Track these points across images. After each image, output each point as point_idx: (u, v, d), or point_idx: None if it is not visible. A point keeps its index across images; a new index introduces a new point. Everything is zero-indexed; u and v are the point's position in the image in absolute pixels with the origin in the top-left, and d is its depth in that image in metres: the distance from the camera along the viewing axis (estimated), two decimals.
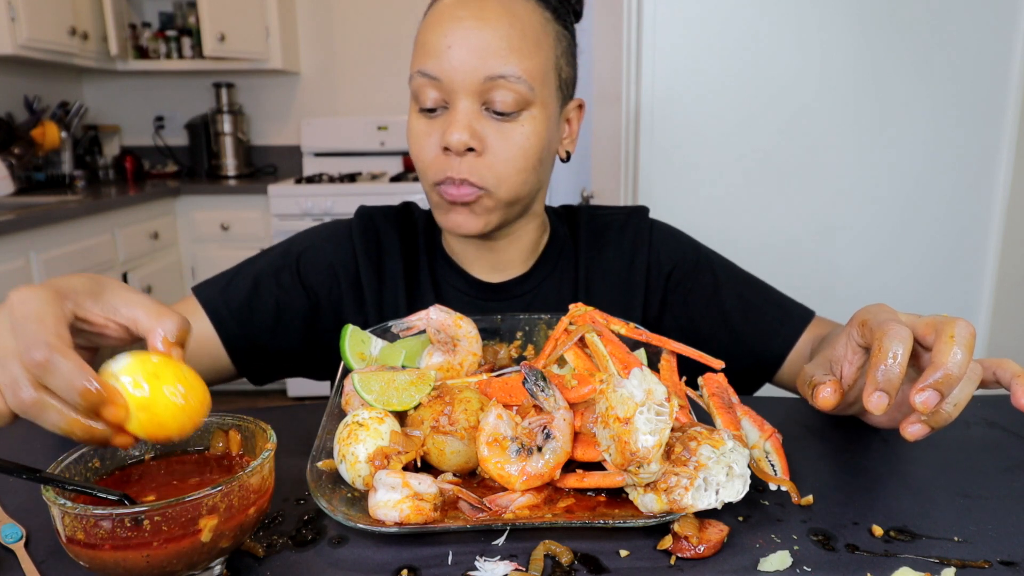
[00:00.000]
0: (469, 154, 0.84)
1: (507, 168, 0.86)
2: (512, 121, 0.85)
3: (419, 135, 0.87)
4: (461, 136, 0.83)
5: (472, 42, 0.82)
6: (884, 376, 0.58)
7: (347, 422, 0.64)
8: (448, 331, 0.79)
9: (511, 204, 0.89)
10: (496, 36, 0.82)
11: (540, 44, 0.86)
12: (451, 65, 0.82)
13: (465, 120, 0.83)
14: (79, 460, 0.56)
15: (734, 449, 0.57)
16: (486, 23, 0.82)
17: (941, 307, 1.87)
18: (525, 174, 0.87)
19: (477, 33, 0.82)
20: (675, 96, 1.75)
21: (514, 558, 0.56)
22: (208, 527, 0.49)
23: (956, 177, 1.79)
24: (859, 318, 0.66)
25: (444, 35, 0.83)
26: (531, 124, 0.86)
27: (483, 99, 0.84)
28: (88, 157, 3.81)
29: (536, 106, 0.86)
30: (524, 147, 0.86)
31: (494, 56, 0.82)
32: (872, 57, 1.71)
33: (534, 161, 0.88)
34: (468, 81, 0.82)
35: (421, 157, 0.88)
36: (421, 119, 0.87)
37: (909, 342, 0.59)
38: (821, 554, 0.57)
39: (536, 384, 0.61)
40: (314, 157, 4.06)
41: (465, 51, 0.82)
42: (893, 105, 1.74)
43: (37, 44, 2.96)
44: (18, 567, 0.56)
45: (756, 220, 1.81)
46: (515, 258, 0.99)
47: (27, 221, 2.47)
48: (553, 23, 0.89)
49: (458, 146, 0.83)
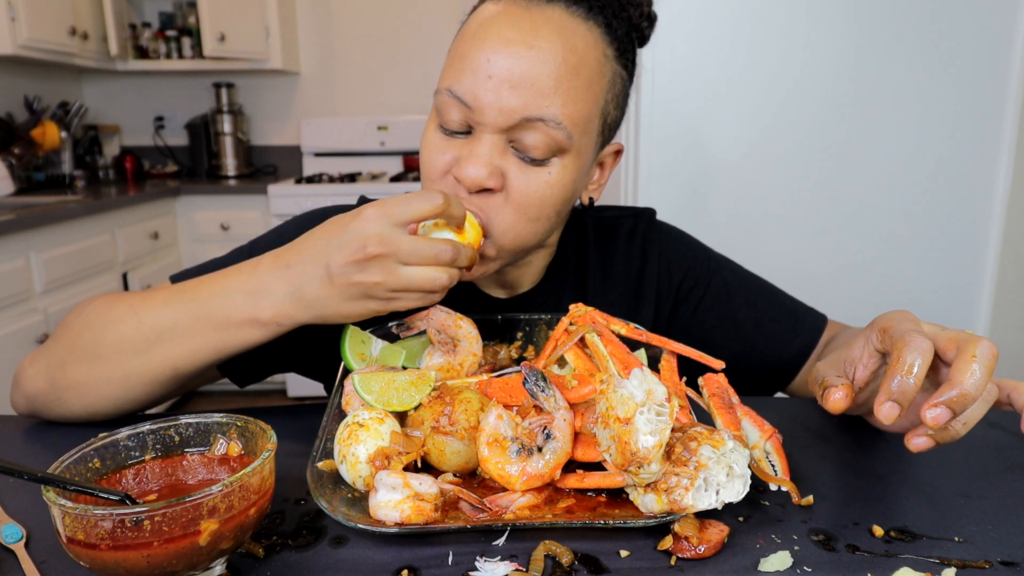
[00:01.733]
0: (482, 194, 0.76)
1: (518, 216, 0.77)
2: (539, 167, 0.76)
3: (432, 150, 0.79)
4: (479, 173, 0.74)
5: (516, 74, 0.72)
6: (899, 387, 0.58)
7: (347, 422, 0.64)
8: (448, 331, 0.79)
9: (513, 253, 0.82)
10: (544, 71, 0.72)
11: (592, 86, 0.76)
12: (487, 98, 0.73)
13: (488, 157, 0.74)
14: (79, 460, 0.56)
15: (734, 449, 0.57)
16: (536, 52, 0.72)
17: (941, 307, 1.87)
18: (536, 224, 0.79)
19: (524, 64, 0.72)
20: (675, 97, 1.75)
21: (514, 558, 0.56)
22: (207, 531, 0.49)
23: (956, 177, 1.79)
24: (881, 323, 0.66)
25: (487, 59, 0.73)
26: (559, 173, 0.77)
27: (512, 136, 0.75)
28: (88, 157, 3.81)
29: (570, 155, 0.77)
30: (544, 196, 0.77)
31: (537, 95, 0.72)
32: (873, 57, 1.71)
33: (550, 211, 0.79)
34: (503, 118, 0.73)
35: (428, 174, 0.81)
36: (438, 134, 0.79)
37: (929, 356, 0.59)
38: (821, 554, 0.57)
39: (536, 384, 0.61)
40: (314, 157, 4.06)
41: (507, 86, 0.72)
42: (894, 105, 1.74)
43: (37, 44, 2.96)
44: (18, 567, 0.56)
45: (756, 220, 1.81)
46: (526, 276, 0.95)
47: (27, 221, 2.47)
48: (613, 62, 0.79)
49: (472, 185, 0.75)
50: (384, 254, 0.66)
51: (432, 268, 0.67)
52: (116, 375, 0.76)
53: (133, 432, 0.60)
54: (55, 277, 2.64)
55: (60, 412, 0.80)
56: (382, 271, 0.66)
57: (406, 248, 0.66)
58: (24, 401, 0.82)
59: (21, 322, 2.46)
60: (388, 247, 0.66)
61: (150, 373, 0.76)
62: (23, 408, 0.82)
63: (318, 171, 4.01)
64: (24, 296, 2.49)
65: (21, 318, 2.47)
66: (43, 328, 2.56)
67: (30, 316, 2.52)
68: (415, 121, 3.96)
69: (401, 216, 0.66)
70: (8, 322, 2.40)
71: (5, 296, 2.39)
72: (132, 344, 0.75)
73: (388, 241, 0.66)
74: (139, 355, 0.75)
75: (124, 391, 0.77)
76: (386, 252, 0.66)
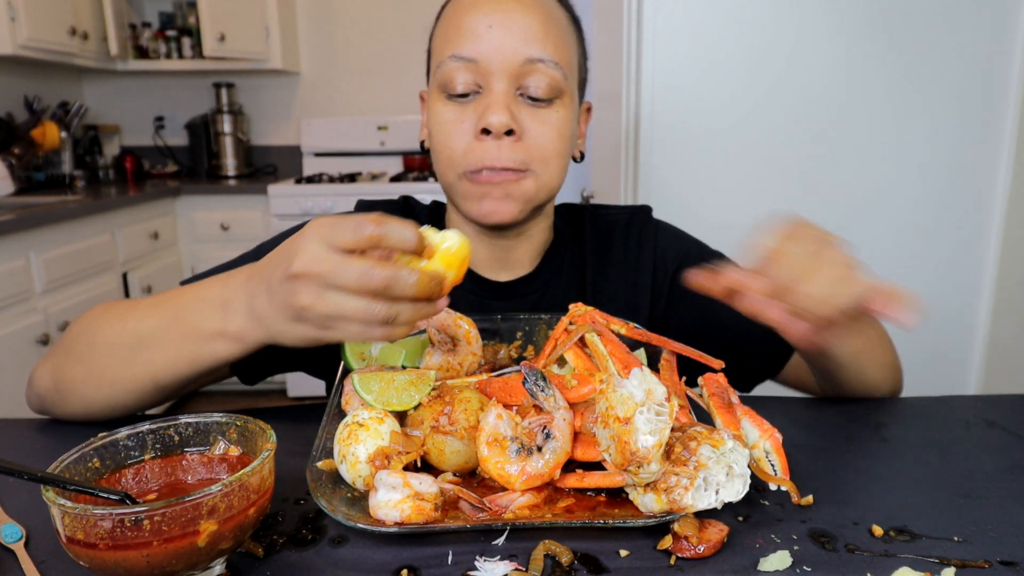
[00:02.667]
0: (507, 138, 0.83)
1: (548, 151, 0.85)
2: (547, 107, 0.85)
3: (450, 122, 0.85)
4: (502, 118, 0.81)
5: (514, 23, 0.82)
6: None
7: (347, 422, 0.64)
8: (448, 331, 0.79)
9: (551, 190, 0.89)
10: (536, 21, 0.83)
11: (568, 37, 0.87)
12: (492, 45, 0.82)
13: (504, 101, 0.82)
14: (79, 460, 0.56)
15: (734, 449, 0.57)
16: (526, 8, 0.83)
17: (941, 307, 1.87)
18: (563, 159, 0.87)
19: (519, 16, 0.82)
20: (675, 96, 1.75)
21: (514, 558, 0.56)
22: (206, 532, 0.49)
23: (956, 177, 1.79)
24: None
25: (485, 16, 0.82)
26: (563, 111, 0.86)
27: (518, 83, 0.83)
28: (88, 157, 3.81)
29: (567, 96, 0.86)
30: (561, 131, 0.86)
31: (534, 39, 0.82)
32: (872, 57, 1.71)
33: (568, 147, 0.88)
34: (508, 62, 0.82)
35: (451, 145, 0.85)
36: (451, 105, 0.85)
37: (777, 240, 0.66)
38: (821, 554, 0.57)
39: (536, 384, 0.61)
40: (314, 157, 4.06)
41: (506, 32, 0.82)
42: (894, 105, 1.74)
43: (37, 44, 2.96)
44: (18, 567, 0.56)
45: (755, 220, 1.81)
46: (523, 257, 0.99)
47: (27, 221, 2.47)
48: (572, 23, 0.90)
49: (499, 127, 0.82)
50: (307, 274, 0.60)
51: (365, 298, 0.60)
52: (105, 380, 0.77)
53: (133, 432, 0.60)
54: (55, 277, 2.65)
55: (64, 411, 0.81)
56: (308, 293, 0.60)
57: (327, 269, 0.59)
58: (35, 399, 0.84)
59: (21, 322, 2.46)
60: (311, 267, 0.60)
61: (132, 381, 0.76)
62: (35, 406, 0.85)
63: (318, 171, 4.00)
64: (24, 296, 2.49)
65: (21, 318, 2.47)
66: (43, 328, 2.56)
67: (30, 316, 2.52)
68: (415, 121, 3.96)
69: (332, 238, 0.60)
70: (8, 322, 2.40)
71: (5, 296, 2.39)
72: (117, 350, 0.76)
73: (313, 260, 0.60)
74: (122, 361, 0.76)
75: (112, 396, 0.78)
76: (308, 272, 0.60)
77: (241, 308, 0.68)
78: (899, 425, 0.81)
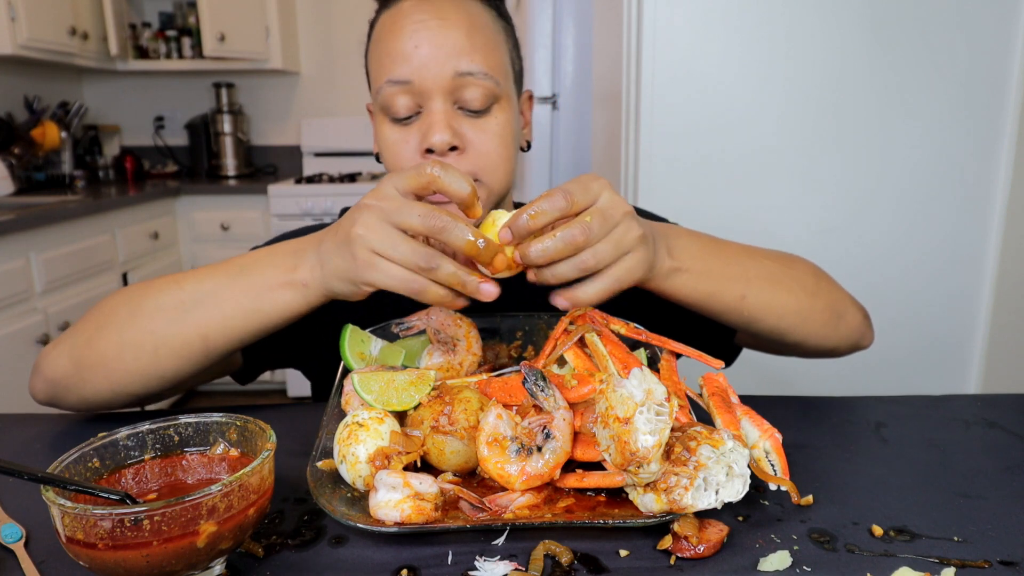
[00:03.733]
0: (452, 154, 0.84)
1: (492, 160, 0.87)
2: (485, 116, 0.86)
3: (395, 143, 0.87)
4: (443, 136, 0.82)
5: (439, 40, 0.83)
6: (520, 221, 0.65)
7: (347, 422, 0.64)
8: (448, 331, 0.79)
9: (501, 193, 0.90)
10: (460, 35, 0.84)
11: (496, 40, 0.88)
12: (421, 63, 0.83)
13: (444, 119, 0.83)
14: (79, 460, 0.56)
15: (734, 449, 0.57)
16: (448, 23, 0.84)
17: (941, 307, 1.87)
18: (509, 163, 0.89)
19: (442, 32, 0.83)
20: (675, 96, 1.75)
21: (514, 558, 0.56)
22: (206, 533, 0.49)
23: (956, 177, 1.79)
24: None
25: (409, 38, 0.83)
26: (502, 115, 0.87)
27: (454, 98, 0.85)
28: (88, 157, 3.81)
29: (503, 99, 0.87)
30: (502, 137, 0.87)
31: (461, 53, 0.83)
32: (872, 56, 1.71)
33: (512, 151, 0.89)
34: (440, 78, 0.83)
35: (399, 165, 0.87)
36: (395, 128, 0.87)
37: (556, 201, 0.66)
38: (821, 554, 0.57)
39: (536, 384, 0.61)
40: (314, 157, 4.06)
41: (433, 48, 0.83)
42: (893, 104, 1.74)
43: (37, 44, 2.96)
44: (18, 567, 0.56)
45: (756, 220, 1.81)
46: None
47: (27, 221, 2.47)
48: (499, 19, 0.91)
49: (442, 146, 0.83)
50: (372, 206, 0.67)
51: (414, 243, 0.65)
52: (148, 345, 0.76)
53: (132, 432, 0.60)
54: (55, 277, 2.65)
55: (82, 394, 0.79)
56: (366, 223, 0.66)
57: (391, 206, 0.66)
58: (44, 387, 0.82)
59: (21, 322, 2.46)
60: (378, 200, 0.67)
61: (180, 342, 0.76)
62: (43, 395, 0.82)
63: (318, 171, 4.00)
64: (24, 296, 2.49)
65: (21, 318, 2.47)
66: (43, 328, 2.56)
67: (30, 316, 2.52)
68: None
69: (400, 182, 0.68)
70: (8, 322, 2.40)
71: (5, 296, 2.39)
72: (168, 310, 0.76)
73: (382, 196, 0.67)
74: (173, 323, 0.76)
75: (152, 363, 0.77)
76: (373, 205, 0.67)
77: (310, 255, 0.73)
78: (899, 425, 0.81)
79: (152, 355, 0.76)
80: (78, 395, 0.80)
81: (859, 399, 0.89)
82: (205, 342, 0.76)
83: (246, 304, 0.75)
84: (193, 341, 0.76)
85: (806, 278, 0.88)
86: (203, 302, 0.76)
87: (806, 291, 0.87)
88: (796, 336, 0.87)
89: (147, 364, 0.77)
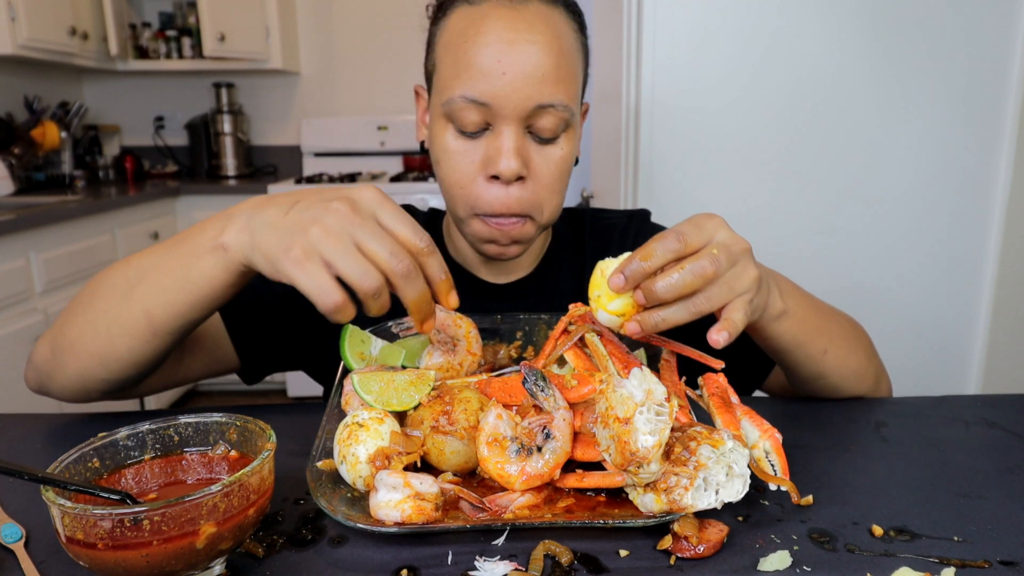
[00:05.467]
0: (516, 182, 0.83)
1: (548, 192, 0.85)
2: (553, 144, 0.84)
3: (456, 155, 0.84)
4: (512, 165, 0.81)
5: (528, 69, 0.79)
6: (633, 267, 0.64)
7: (347, 423, 0.64)
8: (448, 331, 0.79)
9: (550, 223, 0.90)
10: (548, 63, 0.80)
11: (577, 64, 0.85)
12: (504, 92, 0.79)
13: (516, 148, 0.81)
14: (79, 460, 0.56)
15: (734, 449, 0.57)
16: (538, 47, 0.80)
17: (941, 307, 1.87)
18: (561, 196, 0.88)
19: (531, 58, 0.79)
20: (675, 96, 1.75)
21: (514, 558, 0.56)
22: (206, 533, 0.49)
23: (956, 177, 1.79)
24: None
25: (497, 60, 0.79)
26: (568, 144, 0.86)
27: (527, 123, 0.82)
28: (88, 157, 3.81)
29: (572, 128, 0.86)
30: (563, 169, 0.86)
31: (546, 83, 0.80)
32: (873, 57, 1.71)
33: (567, 180, 0.88)
34: (520, 108, 0.80)
35: (456, 180, 0.85)
36: (459, 139, 0.84)
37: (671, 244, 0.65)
38: (821, 554, 0.57)
39: (536, 384, 0.61)
40: (314, 157, 4.06)
41: (520, 78, 0.79)
42: (893, 105, 1.74)
43: (37, 44, 2.96)
44: (18, 567, 0.56)
45: (756, 220, 1.81)
46: (522, 261, 1.00)
47: (27, 221, 2.47)
48: (579, 34, 0.87)
49: (510, 175, 0.81)
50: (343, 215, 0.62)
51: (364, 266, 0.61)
52: (101, 325, 0.74)
53: (132, 432, 0.60)
54: (55, 277, 2.64)
55: (59, 380, 0.79)
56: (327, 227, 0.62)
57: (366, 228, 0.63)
58: (33, 375, 0.82)
59: (21, 322, 2.46)
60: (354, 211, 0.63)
61: (127, 319, 0.73)
62: (33, 383, 0.83)
63: (318, 171, 4.00)
64: (24, 296, 2.49)
65: (21, 318, 2.47)
66: (43, 328, 2.56)
67: (30, 316, 2.52)
68: (415, 121, 3.95)
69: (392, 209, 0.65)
70: (8, 322, 2.40)
71: (5, 296, 2.39)
72: (119, 287, 0.74)
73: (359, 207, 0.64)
74: (120, 300, 0.73)
75: (107, 343, 0.75)
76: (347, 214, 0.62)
77: (240, 218, 0.67)
78: (899, 425, 0.81)
79: (105, 335, 0.74)
80: (58, 382, 0.79)
81: (859, 399, 0.89)
82: (149, 318, 0.72)
83: (179, 275, 0.70)
84: (138, 318, 0.73)
85: (865, 341, 0.90)
86: (146, 276, 0.73)
87: (867, 354, 0.89)
88: (844, 392, 0.88)
89: (103, 345, 0.75)
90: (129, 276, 0.74)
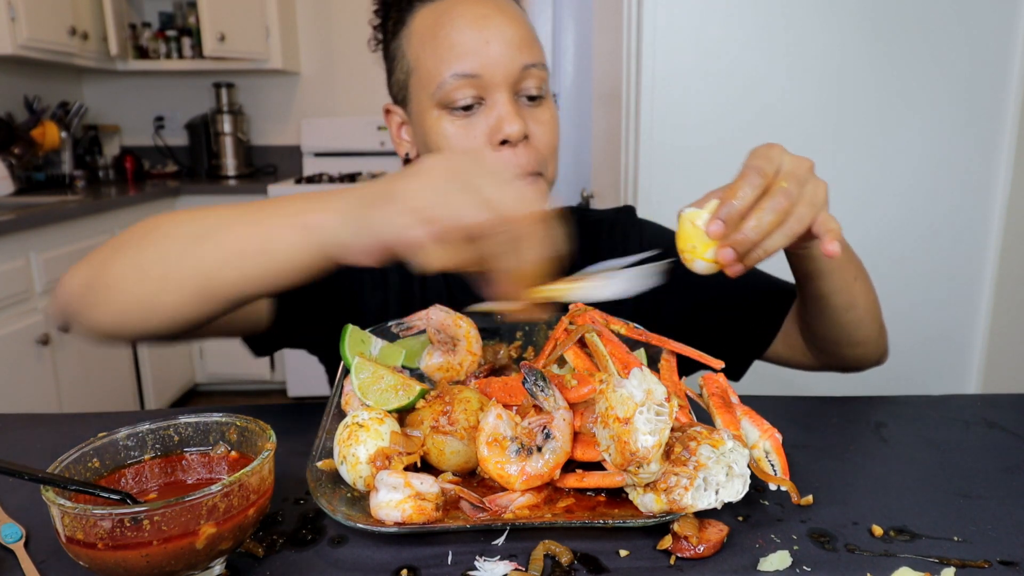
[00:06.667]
0: (523, 143, 0.88)
1: (548, 151, 0.91)
2: (540, 105, 0.91)
3: (457, 136, 0.88)
4: (517, 127, 0.85)
5: (507, 35, 0.86)
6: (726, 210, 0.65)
7: (347, 423, 0.64)
8: (448, 331, 0.79)
9: (552, 184, 0.94)
10: (521, 29, 0.88)
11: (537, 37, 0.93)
12: (492, 59, 0.85)
13: (515, 110, 0.87)
14: (79, 460, 0.56)
15: (734, 449, 0.57)
16: (509, 18, 0.88)
17: (941, 307, 1.87)
18: (557, 158, 0.93)
19: (508, 28, 0.87)
20: (675, 96, 1.75)
21: (514, 558, 0.56)
22: (206, 533, 0.49)
23: (956, 177, 1.79)
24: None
25: (479, 31, 0.86)
26: (551, 105, 0.92)
27: (516, 88, 0.88)
28: (88, 157, 3.80)
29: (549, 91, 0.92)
30: (554, 126, 0.92)
31: (526, 46, 0.88)
32: (873, 57, 1.71)
33: (558, 141, 0.93)
34: (509, 72, 0.86)
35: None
36: (455, 121, 0.88)
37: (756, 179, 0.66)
38: (821, 554, 0.57)
39: (536, 384, 0.61)
40: (314, 157, 4.06)
41: (503, 44, 0.86)
42: (894, 106, 1.74)
43: (37, 44, 2.95)
44: (18, 567, 0.56)
45: None
46: None
47: (27, 221, 2.47)
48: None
49: (518, 135, 0.86)
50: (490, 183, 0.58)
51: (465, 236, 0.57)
52: (153, 272, 0.70)
53: (132, 432, 0.60)
54: (55, 277, 2.64)
55: (91, 318, 0.74)
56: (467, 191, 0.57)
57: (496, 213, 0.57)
58: (57, 309, 0.78)
59: (21, 322, 2.46)
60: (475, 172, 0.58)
61: (182, 275, 0.68)
62: (58, 316, 0.78)
63: (318, 171, 4.00)
64: (24, 296, 2.49)
65: (21, 318, 2.47)
66: (43, 328, 2.56)
67: (30, 316, 2.51)
68: None
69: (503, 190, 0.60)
70: (8, 322, 2.40)
71: (5, 296, 2.38)
72: (176, 241, 0.70)
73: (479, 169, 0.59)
74: (177, 254, 0.69)
75: (154, 293, 0.70)
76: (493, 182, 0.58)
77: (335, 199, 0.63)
78: (899, 425, 0.81)
79: (156, 283, 0.69)
80: (89, 319, 0.74)
81: (859, 399, 0.89)
82: (208, 280, 0.68)
83: (254, 243, 0.66)
84: (192, 278, 0.68)
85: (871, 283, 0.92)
86: (211, 235, 0.68)
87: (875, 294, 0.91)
88: (861, 333, 0.89)
89: (149, 293, 0.70)
90: (194, 230, 0.69)
